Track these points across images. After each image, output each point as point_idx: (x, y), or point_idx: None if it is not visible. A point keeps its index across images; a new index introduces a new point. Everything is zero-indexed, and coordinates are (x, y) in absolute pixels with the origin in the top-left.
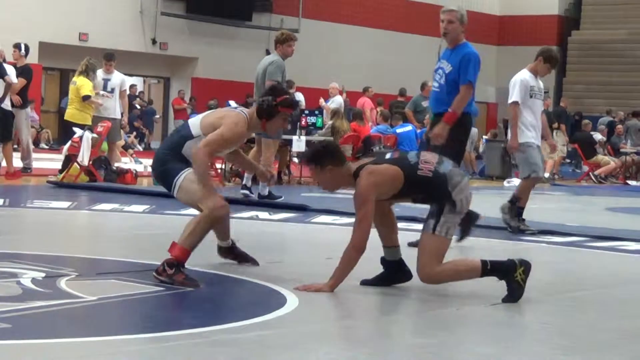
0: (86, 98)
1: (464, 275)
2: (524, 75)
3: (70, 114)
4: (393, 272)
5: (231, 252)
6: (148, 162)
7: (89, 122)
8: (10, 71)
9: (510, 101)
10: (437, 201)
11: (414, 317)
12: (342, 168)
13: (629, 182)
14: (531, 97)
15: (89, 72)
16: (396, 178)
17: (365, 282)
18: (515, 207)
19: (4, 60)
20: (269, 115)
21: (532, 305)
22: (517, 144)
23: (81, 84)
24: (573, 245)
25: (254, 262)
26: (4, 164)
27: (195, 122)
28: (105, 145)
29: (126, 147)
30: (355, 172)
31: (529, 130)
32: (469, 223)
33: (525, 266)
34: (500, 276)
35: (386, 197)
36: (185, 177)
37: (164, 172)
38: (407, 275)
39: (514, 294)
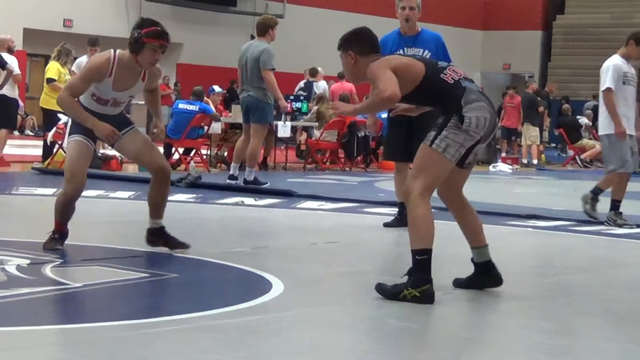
0: (50, 81)
1: (424, 231)
2: (615, 60)
3: (41, 99)
4: (482, 275)
5: (160, 234)
6: None
7: (58, 108)
8: (12, 60)
9: (603, 88)
10: (447, 113)
11: (399, 302)
12: (365, 58)
13: None
14: (624, 83)
15: (60, 57)
16: (417, 69)
17: (457, 284)
18: (597, 198)
19: (9, 50)
20: (137, 49)
21: (518, 290)
22: (623, 129)
23: (47, 68)
24: (559, 230)
25: (184, 246)
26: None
27: None
28: None
29: None
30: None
31: (621, 119)
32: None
33: (418, 295)
34: (411, 273)
35: (405, 91)
36: (68, 144)
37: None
38: (497, 281)
39: (388, 290)
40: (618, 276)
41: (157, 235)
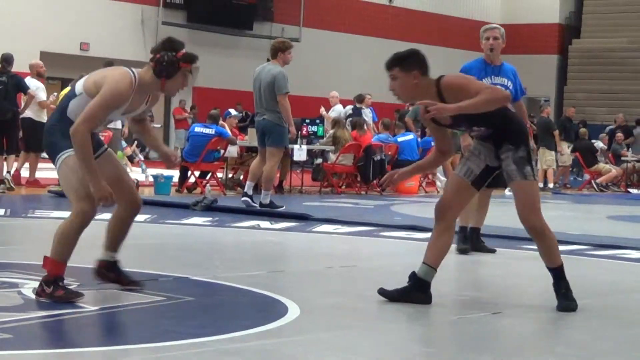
0: None
1: (554, 250)
2: None
3: None
4: (417, 290)
5: (113, 269)
6: (151, 171)
7: None
8: (37, 86)
9: None
10: (519, 143)
11: (415, 325)
12: (425, 77)
13: (631, 190)
14: None
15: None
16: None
17: (382, 292)
18: None
19: (39, 75)
20: (170, 73)
21: (534, 314)
22: None
23: (60, 94)
24: (574, 254)
25: (136, 284)
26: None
27: (81, 80)
28: (120, 154)
29: (130, 158)
30: (437, 82)
31: None
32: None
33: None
34: (564, 288)
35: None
36: (65, 161)
37: (50, 144)
38: (429, 300)
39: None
40: (634, 301)
41: (110, 269)
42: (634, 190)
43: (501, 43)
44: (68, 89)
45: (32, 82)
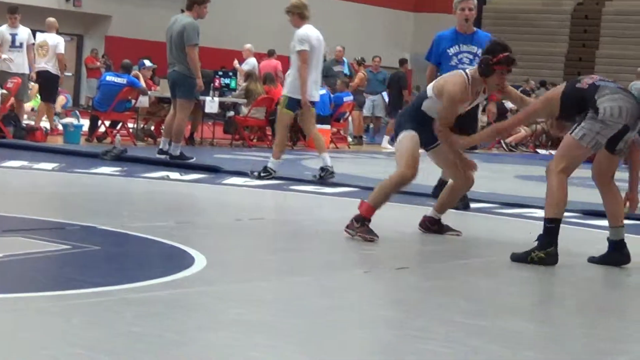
0: None
1: (556, 201)
2: None
3: None
4: (615, 252)
5: (437, 224)
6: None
7: None
8: (57, 40)
9: None
10: (585, 109)
11: (321, 279)
12: None
13: (539, 150)
14: None
15: None
16: (555, 94)
17: (591, 260)
18: None
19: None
20: (486, 73)
21: (438, 270)
22: None
23: None
24: (481, 212)
25: (456, 232)
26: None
27: (430, 86)
28: (34, 102)
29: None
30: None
31: None
32: None
33: (543, 256)
34: (539, 237)
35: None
36: (405, 136)
37: (398, 125)
38: (627, 258)
39: (520, 256)
40: None
41: (433, 224)
42: (542, 151)
43: (475, 13)
44: None
45: (54, 38)
